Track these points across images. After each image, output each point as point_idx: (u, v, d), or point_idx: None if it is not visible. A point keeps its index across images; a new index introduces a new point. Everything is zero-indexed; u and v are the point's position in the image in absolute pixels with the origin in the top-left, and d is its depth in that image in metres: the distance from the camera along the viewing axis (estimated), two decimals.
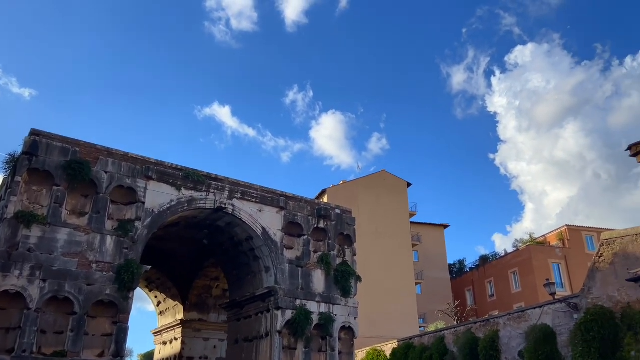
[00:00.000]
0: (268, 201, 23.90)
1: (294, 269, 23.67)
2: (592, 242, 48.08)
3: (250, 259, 24.36)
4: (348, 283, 24.91)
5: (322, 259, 24.62)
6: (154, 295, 33.46)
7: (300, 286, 23.48)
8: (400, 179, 52.03)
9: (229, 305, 26.75)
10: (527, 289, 45.96)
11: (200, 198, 21.92)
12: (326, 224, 25.52)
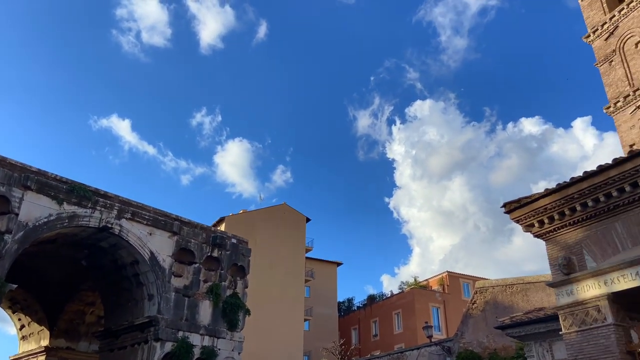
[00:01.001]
0: (160, 224, 22.82)
1: (180, 299, 22.60)
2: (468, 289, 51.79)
3: (133, 284, 22.87)
4: (236, 316, 24.26)
5: (212, 290, 23.81)
6: (17, 317, 29.95)
7: (185, 317, 22.43)
8: (299, 214, 52.57)
9: (102, 333, 24.67)
10: (408, 331, 47.98)
11: (84, 215, 20.35)
12: (220, 253, 24.87)
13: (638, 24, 24.44)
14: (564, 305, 12.01)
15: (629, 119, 23.76)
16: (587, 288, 11.60)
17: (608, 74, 25.45)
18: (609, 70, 25.47)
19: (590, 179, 11.68)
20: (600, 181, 11.49)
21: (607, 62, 25.57)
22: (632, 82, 24.05)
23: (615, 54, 25.22)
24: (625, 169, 11.08)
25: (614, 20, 25.67)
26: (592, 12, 27.23)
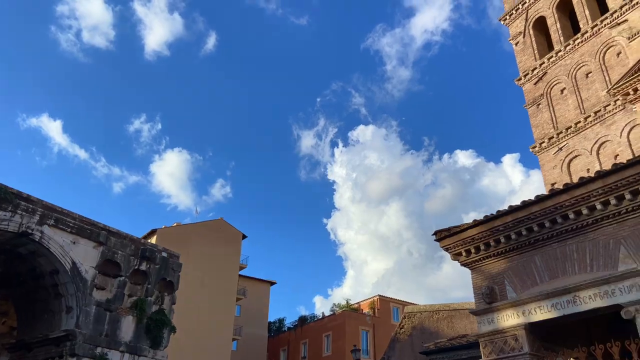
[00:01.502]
0: (86, 233, 21.66)
1: (102, 313, 21.43)
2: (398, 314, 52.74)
3: (51, 295, 21.44)
4: (160, 333, 23.28)
5: (137, 305, 22.76)
6: None
7: (106, 332, 21.24)
8: (236, 230, 51.76)
9: (14, 346, 22.83)
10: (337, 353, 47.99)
11: (3, 218, 18.97)
12: (149, 266, 23.89)
13: (564, 72, 26.46)
14: (485, 333, 12.49)
15: (552, 159, 25.49)
16: (506, 317, 12.15)
17: (535, 115, 27.28)
18: (536, 112, 27.31)
19: (514, 213, 12.36)
20: (523, 216, 12.18)
21: (535, 105, 27.42)
22: (557, 126, 25.89)
23: (543, 98, 27.12)
24: (546, 206, 11.82)
25: (544, 66, 27.67)
26: (524, 57, 29.22)
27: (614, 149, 22.82)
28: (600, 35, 25.15)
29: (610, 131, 23.18)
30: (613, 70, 23.97)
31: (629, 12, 23.95)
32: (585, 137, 24.22)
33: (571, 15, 28.19)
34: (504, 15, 31.31)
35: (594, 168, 22.88)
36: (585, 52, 25.69)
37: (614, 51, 24.42)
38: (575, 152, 24.49)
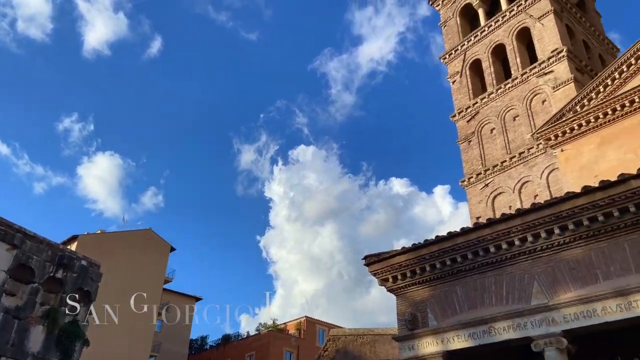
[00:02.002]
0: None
1: (10, 320, 19.82)
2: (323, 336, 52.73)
3: None
4: (72, 345, 21.84)
5: (49, 314, 21.25)
6: None
7: (12, 341, 19.64)
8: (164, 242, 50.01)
9: None
10: None
11: None
12: (65, 274, 22.48)
13: (495, 113, 28.16)
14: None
15: (478, 193, 26.86)
16: (426, 345, 12.54)
17: (466, 151, 28.74)
18: (467, 148, 28.77)
19: (440, 243, 12.88)
20: (448, 246, 12.72)
21: (467, 142, 28.91)
22: (485, 163, 27.40)
23: (474, 136, 28.65)
24: (469, 238, 12.42)
25: (477, 106, 29.32)
26: (459, 96, 30.84)
27: (534, 189, 24.43)
28: (529, 82, 27.08)
29: (532, 172, 24.83)
30: (538, 116, 25.80)
31: (555, 64, 26.01)
32: (509, 175, 25.77)
33: (504, 61, 30.18)
34: (444, 54, 32.98)
35: (515, 205, 24.34)
36: (514, 96, 27.52)
37: (540, 98, 26.35)
38: (500, 189, 25.96)
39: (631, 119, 19.72)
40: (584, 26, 30.51)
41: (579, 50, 28.52)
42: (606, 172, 18.41)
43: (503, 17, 30.02)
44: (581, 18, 30.49)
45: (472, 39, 31.54)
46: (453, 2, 34.39)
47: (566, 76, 25.19)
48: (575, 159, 21.12)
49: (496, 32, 30.30)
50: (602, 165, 19.97)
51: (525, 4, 28.90)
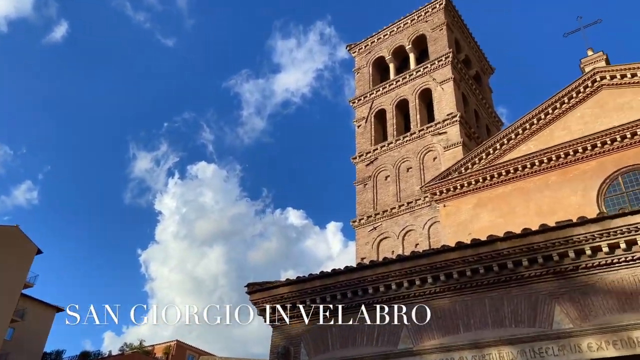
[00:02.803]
0: None
1: None
2: None
3: None
4: None
5: None
6: None
7: None
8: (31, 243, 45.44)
9: None
10: None
11: None
12: None
13: (391, 162, 29.85)
14: None
15: (366, 235, 28.01)
16: None
17: (361, 193, 30.00)
18: (363, 191, 30.06)
19: (323, 279, 13.16)
20: (331, 283, 13.04)
21: (363, 184, 30.22)
22: (376, 207, 28.76)
23: (370, 180, 30.06)
24: (352, 277, 12.85)
25: (376, 152, 30.91)
26: (362, 140, 32.35)
27: (417, 237, 26.06)
28: (424, 139, 29.21)
29: (416, 222, 26.51)
30: (428, 171, 27.81)
31: (449, 127, 28.40)
32: (396, 222, 27.26)
33: (406, 115, 32.35)
34: (354, 99, 34.58)
35: (397, 251, 25.71)
36: (410, 149, 29.48)
37: (432, 155, 28.48)
38: (386, 234, 27.32)
39: (504, 187, 22.01)
40: (477, 97, 33.80)
41: (470, 118, 31.46)
42: (478, 232, 20.23)
43: (410, 76, 32.33)
44: (476, 90, 33.78)
45: (380, 89, 33.48)
46: (368, 52, 36.41)
47: (456, 139, 27.55)
48: (454, 215, 22.96)
49: (402, 87, 32.49)
50: (476, 224, 21.91)
51: (430, 67, 31.43)
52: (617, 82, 21.18)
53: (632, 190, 18.98)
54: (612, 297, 10.10)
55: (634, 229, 10.02)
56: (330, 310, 13.08)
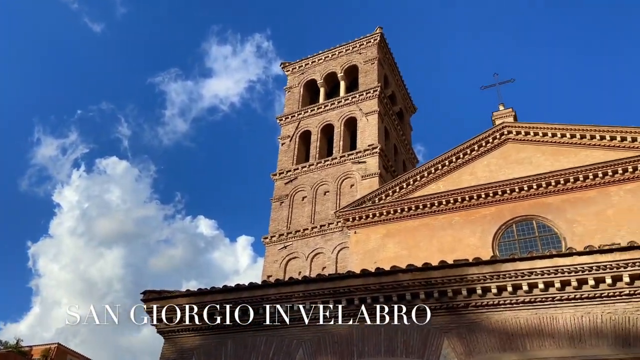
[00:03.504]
0: None
1: None
2: None
3: None
4: None
5: None
6: None
7: None
8: None
9: None
10: None
11: None
12: None
13: (310, 183, 30.18)
14: None
15: (276, 253, 27.91)
16: None
17: (276, 211, 29.96)
18: (278, 208, 30.03)
19: (226, 293, 12.89)
20: (233, 298, 12.79)
21: (279, 202, 30.22)
22: (289, 226, 28.82)
23: (287, 199, 30.14)
24: (255, 294, 12.69)
25: (297, 172, 31.13)
26: (285, 158, 32.48)
27: (325, 261, 26.39)
28: (345, 165, 29.94)
29: (326, 245, 26.88)
30: (344, 197, 28.44)
31: (369, 157, 29.35)
32: (307, 243, 27.46)
33: (330, 140, 33.02)
34: (282, 116, 34.75)
35: (305, 272, 25.85)
36: (330, 173, 30.03)
37: (350, 182, 29.21)
38: (296, 254, 27.40)
39: (413, 221, 23.04)
40: (398, 133, 35.34)
41: (390, 151, 32.77)
42: (383, 261, 20.94)
43: (339, 102, 33.16)
44: (397, 126, 35.33)
45: (309, 111, 33.97)
46: (301, 73, 36.93)
47: (374, 170, 28.51)
48: (363, 242, 23.60)
49: (330, 112, 33.20)
50: (382, 254, 22.66)
51: (359, 98, 32.47)
52: (521, 137, 23.15)
53: (522, 239, 20.65)
54: (495, 336, 10.81)
55: (520, 274, 10.86)
56: (229, 325, 12.80)
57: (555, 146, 22.20)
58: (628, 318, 10.01)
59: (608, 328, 10.06)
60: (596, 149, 21.16)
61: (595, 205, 19.78)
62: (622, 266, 10.19)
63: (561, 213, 20.18)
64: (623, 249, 10.22)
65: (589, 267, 10.36)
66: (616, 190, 19.76)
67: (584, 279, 10.41)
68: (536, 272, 10.69)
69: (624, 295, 10.19)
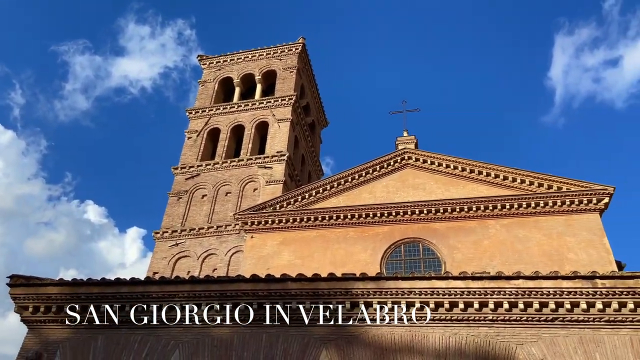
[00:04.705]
0: None
1: None
2: None
3: None
4: None
5: None
6: None
7: None
8: None
9: None
10: None
11: None
12: None
13: (213, 182, 29.52)
14: None
15: (166, 250, 26.85)
16: None
17: (173, 206, 28.87)
18: (175, 203, 28.97)
19: (103, 286, 12.16)
20: (111, 292, 12.09)
21: (177, 197, 29.18)
22: (184, 223, 27.91)
23: (186, 195, 29.20)
24: (135, 290, 12.11)
25: (200, 169, 30.31)
26: (189, 153, 31.49)
27: (217, 262, 25.85)
28: (251, 168, 29.69)
29: (221, 247, 26.37)
30: (246, 200, 28.17)
31: (276, 163, 29.39)
32: (201, 243, 26.75)
33: (239, 140, 32.61)
34: (192, 109, 33.73)
35: (195, 272, 25.13)
36: (234, 174, 29.60)
37: (254, 186, 29.00)
38: (187, 253, 26.55)
39: (310, 232, 23.42)
40: (307, 144, 35.85)
41: (297, 161, 33.11)
42: (276, 268, 21.00)
43: (253, 105, 32.94)
44: (308, 137, 35.85)
45: (221, 108, 33.33)
46: (218, 69, 36.22)
47: (280, 177, 28.62)
48: (259, 248, 23.52)
49: (243, 114, 32.85)
50: (276, 261, 22.73)
51: (273, 103, 32.51)
52: (419, 164, 24.58)
53: (408, 259, 21.83)
54: (370, 350, 11.27)
55: (401, 292, 11.47)
56: (102, 320, 12.07)
57: (447, 176, 23.84)
58: (488, 342, 10.96)
59: (470, 349, 10.93)
60: (482, 184, 23.05)
61: (474, 235, 21.49)
62: (489, 293, 11.16)
63: (445, 239, 21.65)
64: (491, 278, 11.20)
65: (460, 291, 11.21)
66: (494, 223, 21.64)
67: (456, 302, 11.24)
68: (415, 292, 11.36)
69: (487, 320, 11.15)
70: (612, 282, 10.74)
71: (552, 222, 21.11)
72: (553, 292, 10.88)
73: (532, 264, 19.39)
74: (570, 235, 20.53)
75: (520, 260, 20.00)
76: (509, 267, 18.70)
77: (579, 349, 10.57)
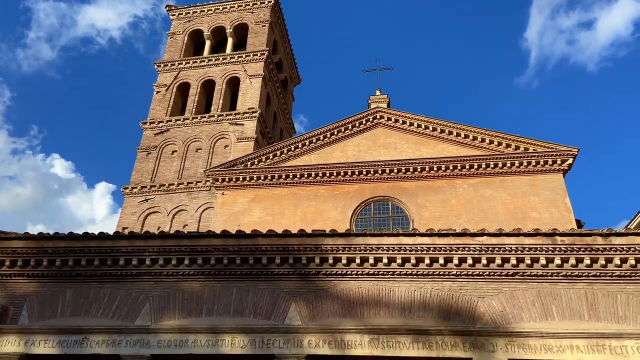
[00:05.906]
0: None
1: None
2: None
3: None
4: None
5: None
6: None
7: None
8: None
9: None
10: None
11: None
12: None
13: (183, 138, 29.00)
14: None
15: (136, 205, 26.54)
16: (6, 343, 11.11)
17: (142, 161, 28.35)
18: (144, 159, 28.44)
19: (70, 240, 12.00)
20: (78, 246, 11.95)
21: (146, 153, 28.63)
22: (154, 179, 27.52)
23: (155, 150, 28.67)
24: (104, 245, 12.00)
25: (169, 124, 29.67)
26: (158, 107, 30.69)
27: (187, 218, 25.76)
28: (222, 124, 29.22)
29: (191, 203, 26.22)
30: (217, 157, 27.86)
31: (247, 120, 28.99)
32: (171, 199, 26.51)
33: (209, 96, 31.90)
34: (160, 62, 32.63)
35: (165, 228, 25.02)
36: (205, 131, 29.12)
37: (225, 143, 28.64)
38: (157, 209, 26.33)
39: (281, 189, 23.46)
40: (279, 101, 35.38)
41: (269, 118, 32.72)
42: (247, 225, 21.11)
43: (224, 59, 32.06)
44: (280, 94, 35.33)
45: (190, 62, 32.36)
46: (188, 20, 34.91)
47: (251, 134, 28.30)
48: (230, 205, 23.48)
49: (213, 68, 31.99)
50: (247, 217, 22.79)
51: (245, 58, 31.72)
52: (391, 124, 24.65)
53: (378, 217, 22.22)
54: (338, 303, 11.59)
55: (369, 249, 11.72)
56: (70, 274, 11.99)
57: (418, 136, 24.02)
58: (452, 295, 11.40)
59: (434, 302, 11.36)
60: (452, 144, 23.35)
61: (442, 193, 21.94)
62: (455, 249, 11.52)
63: (413, 198, 22.05)
64: (457, 235, 11.54)
65: (427, 248, 11.53)
66: (461, 182, 22.10)
67: (422, 258, 11.58)
68: (383, 248, 11.63)
69: (451, 275, 11.55)
70: (571, 239, 11.20)
71: (518, 182, 21.69)
72: (515, 248, 11.30)
73: (496, 222, 20.02)
74: (534, 195, 21.19)
75: (486, 219, 20.61)
76: (474, 225, 19.27)
77: (536, 302, 11.11)
